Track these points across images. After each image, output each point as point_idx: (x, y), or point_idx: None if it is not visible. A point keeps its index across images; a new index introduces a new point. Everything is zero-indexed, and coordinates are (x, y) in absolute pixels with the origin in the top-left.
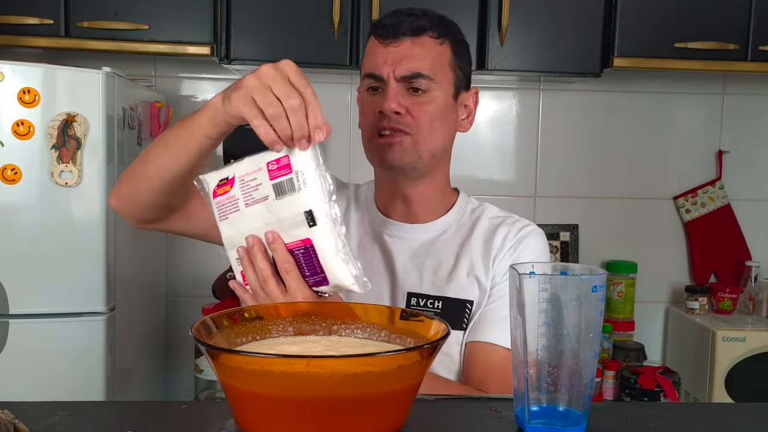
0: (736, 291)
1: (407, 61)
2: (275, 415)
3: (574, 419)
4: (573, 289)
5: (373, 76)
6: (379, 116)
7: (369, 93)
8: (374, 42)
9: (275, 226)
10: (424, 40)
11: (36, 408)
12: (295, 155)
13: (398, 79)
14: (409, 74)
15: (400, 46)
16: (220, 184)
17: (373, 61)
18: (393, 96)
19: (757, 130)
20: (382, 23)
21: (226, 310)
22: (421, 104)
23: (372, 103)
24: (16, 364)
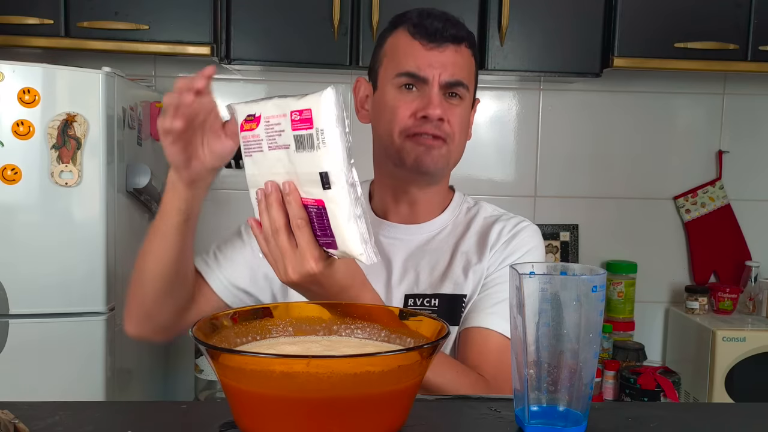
0: (736, 291)
1: (451, 68)
2: (275, 415)
3: (574, 419)
4: (573, 289)
5: (415, 76)
6: (419, 119)
7: (401, 91)
8: (412, 42)
9: (293, 177)
10: (463, 50)
11: (36, 408)
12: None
13: (442, 84)
14: (453, 81)
15: (444, 52)
16: (248, 120)
17: (414, 62)
18: (439, 102)
19: (757, 130)
20: (423, 25)
21: (226, 310)
22: (456, 112)
23: (408, 102)
24: (16, 364)
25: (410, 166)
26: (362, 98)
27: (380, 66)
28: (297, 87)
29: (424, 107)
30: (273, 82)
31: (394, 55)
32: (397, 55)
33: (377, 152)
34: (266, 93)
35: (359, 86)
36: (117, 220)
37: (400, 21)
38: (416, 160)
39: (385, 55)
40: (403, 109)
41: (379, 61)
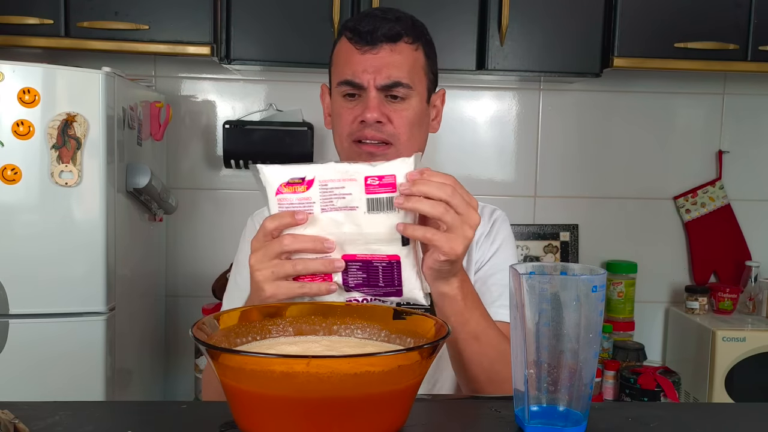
0: (736, 291)
1: (386, 69)
2: (275, 415)
3: (574, 419)
4: (573, 289)
5: (351, 83)
6: (359, 124)
7: (345, 99)
8: (349, 47)
9: (355, 237)
10: (401, 47)
11: (36, 408)
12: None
13: (378, 87)
14: (390, 83)
15: (378, 54)
16: (292, 183)
17: (350, 68)
18: (375, 105)
19: (757, 130)
20: (356, 28)
21: (226, 310)
22: (400, 112)
23: (350, 110)
24: (16, 364)
25: None
26: (327, 105)
27: (330, 75)
28: (297, 87)
29: (362, 112)
30: (273, 82)
31: (337, 62)
32: (338, 62)
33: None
34: (266, 93)
35: (324, 94)
36: (117, 220)
37: (343, 26)
38: None
39: (332, 63)
40: (345, 115)
41: (329, 70)
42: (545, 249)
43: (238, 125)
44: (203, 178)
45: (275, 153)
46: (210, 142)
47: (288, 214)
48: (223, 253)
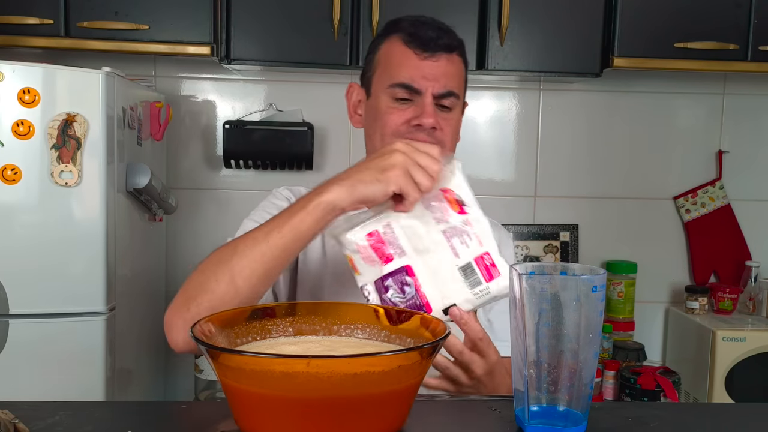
0: (736, 291)
1: (444, 79)
2: (275, 415)
3: (574, 419)
4: (573, 289)
5: (409, 87)
6: (410, 127)
7: (395, 101)
8: (405, 50)
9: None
10: (455, 59)
11: (36, 408)
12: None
13: (435, 95)
14: (445, 92)
15: (437, 62)
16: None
17: (408, 72)
18: (432, 112)
19: (757, 130)
20: (418, 35)
21: (226, 311)
22: (448, 120)
23: (400, 111)
24: (16, 364)
25: None
26: (355, 103)
27: (374, 73)
28: (297, 87)
29: (417, 116)
30: (273, 82)
31: (388, 63)
32: (391, 64)
33: None
34: (266, 93)
35: (352, 91)
36: (117, 220)
37: (394, 28)
38: None
39: (379, 63)
40: (396, 116)
41: (372, 69)
42: (545, 249)
43: (238, 125)
44: (203, 178)
45: (275, 153)
46: (210, 142)
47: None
48: None
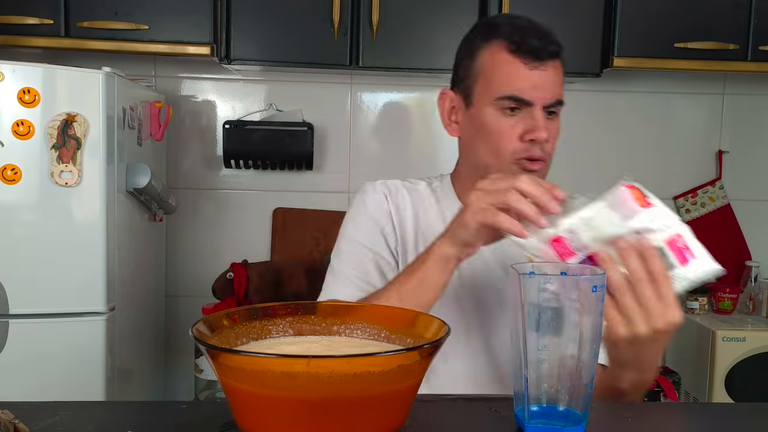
0: (736, 291)
1: (552, 88)
2: (275, 415)
3: (574, 419)
4: (573, 289)
5: (520, 100)
6: (526, 142)
7: (504, 113)
8: (513, 60)
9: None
10: (558, 64)
11: (36, 408)
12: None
13: (546, 106)
14: (555, 101)
15: (546, 71)
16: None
17: (517, 84)
18: (545, 125)
19: (757, 130)
20: (524, 42)
21: (226, 310)
22: (553, 130)
23: (512, 126)
24: (16, 364)
25: None
26: (449, 110)
27: (475, 82)
28: (297, 87)
29: (531, 130)
30: (273, 82)
31: (492, 73)
32: (496, 74)
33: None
34: (266, 93)
35: (445, 98)
36: (117, 220)
37: (494, 33)
38: None
39: (482, 71)
40: (509, 132)
41: (472, 76)
42: None
43: (238, 125)
44: (203, 178)
45: (275, 153)
46: (210, 142)
47: (548, 187)
48: (223, 253)
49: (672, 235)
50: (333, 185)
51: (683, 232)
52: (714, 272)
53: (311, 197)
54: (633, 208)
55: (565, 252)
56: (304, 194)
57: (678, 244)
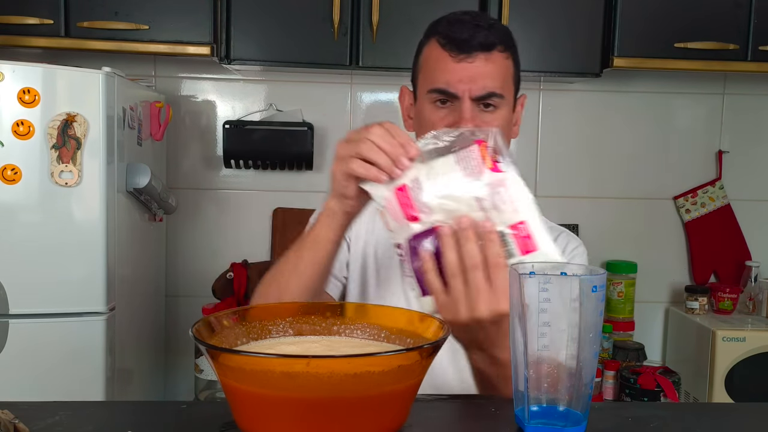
0: (736, 291)
1: (481, 79)
2: (275, 415)
3: (574, 419)
4: (573, 289)
5: (446, 92)
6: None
7: (436, 106)
8: (441, 53)
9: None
10: (495, 56)
11: (36, 408)
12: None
13: (473, 98)
14: (484, 94)
15: (473, 63)
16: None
17: (444, 77)
18: (470, 117)
19: (757, 130)
20: (450, 35)
21: (226, 310)
22: (491, 122)
23: (440, 117)
24: (16, 364)
25: None
26: (407, 107)
27: (417, 78)
28: (297, 87)
29: (456, 121)
30: (273, 82)
31: (427, 68)
32: (429, 68)
33: None
34: (266, 93)
35: (403, 95)
36: (117, 220)
37: (433, 29)
38: None
39: (421, 67)
40: (435, 122)
41: (416, 73)
42: None
43: (238, 125)
44: (203, 178)
45: (275, 153)
46: (210, 142)
47: (402, 141)
48: (223, 253)
49: (516, 221)
50: None
51: (528, 218)
52: (558, 265)
53: (311, 197)
54: (479, 169)
55: (407, 204)
56: (304, 194)
57: (521, 232)
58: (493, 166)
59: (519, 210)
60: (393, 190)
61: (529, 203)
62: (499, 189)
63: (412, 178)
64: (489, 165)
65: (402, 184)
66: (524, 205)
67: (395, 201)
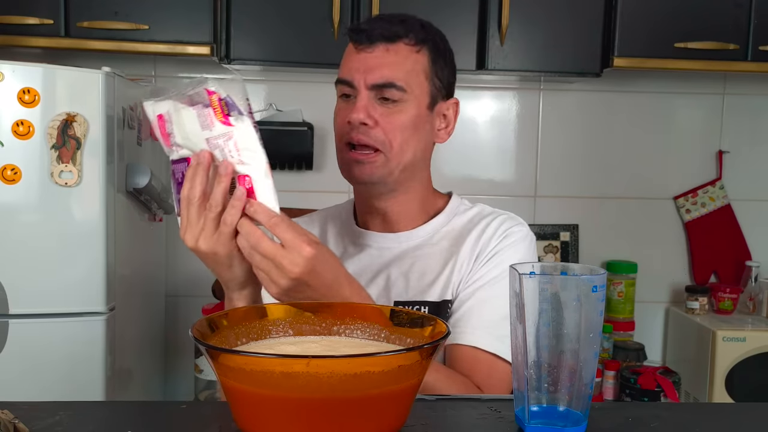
0: (736, 291)
1: (379, 69)
2: (275, 416)
3: (574, 419)
4: (573, 289)
5: (345, 82)
6: (348, 126)
7: (341, 100)
8: (350, 47)
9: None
10: (399, 47)
11: (36, 408)
12: None
13: (369, 87)
14: (381, 83)
15: (373, 53)
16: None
17: (346, 66)
18: (362, 106)
19: (757, 130)
20: (357, 28)
21: (226, 310)
22: (391, 116)
23: (343, 111)
24: (16, 364)
25: (350, 179)
26: None
27: None
28: (297, 87)
29: (349, 113)
30: (273, 82)
31: (341, 64)
32: (341, 63)
33: None
34: (266, 93)
35: None
36: (117, 220)
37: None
38: (350, 173)
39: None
40: (339, 118)
41: None
42: (545, 249)
43: None
44: None
45: (275, 153)
46: None
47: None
48: None
49: (241, 173)
50: (333, 185)
51: (252, 173)
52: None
53: (311, 197)
54: (210, 120)
55: (164, 134)
56: (304, 194)
57: (246, 184)
58: (224, 119)
59: (245, 162)
60: (155, 114)
61: (256, 157)
62: (228, 141)
63: (166, 110)
64: (220, 118)
65: (160, 113)
66: (250, 158)
67: (157, 125)
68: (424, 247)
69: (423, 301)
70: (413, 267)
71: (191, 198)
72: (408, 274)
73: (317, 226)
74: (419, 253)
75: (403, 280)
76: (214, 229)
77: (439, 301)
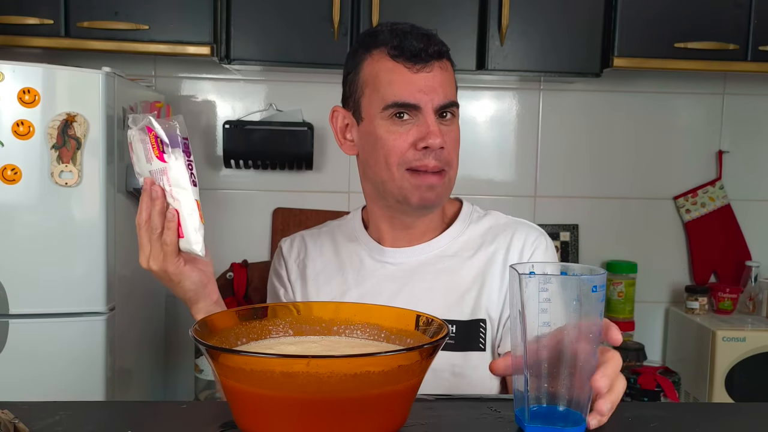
0: (736, 291)
1: (442, 89)
2: (275, 415)
3: (574, 419)
4: (573, 289)
5: (407, 105)
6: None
7: (394, 121)
8: (395, 66)
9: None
10: (446, 64)
11: (36, 408)
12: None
13: (436, 108)
14: (447, 103)
15: (431, 72)
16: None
17: (401, 89)
18: (438, 130)
19: (757, 130)
20: (404, 46)
21: (226, 310)
22: (449, 134)
23: (402, 135)
24: (16, 364)
25: (415, 204)
26: (342, 128)
27: (362, 95)
28: (297, 87)
29: (423, 137)
30: (273, 82)
31: (377, 83)
32: (380, 83)
33: (370, 186)
34: (266, 93)
35: (336, 116)
36: (117, 220)
37: (374, 41)
38: (421, 199)
39: (367, 83)
40: (399, 141)
41: (359, 90)
42: None
43: (238, 125)
44: (203, 178)
45: (275, 153)
46: (210, 142)
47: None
48: (222, 253)
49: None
50: (333, 185)
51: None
52: (198, 256)
53: (311, 197)
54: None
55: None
56: (304, 194)
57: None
58: (159, 155)
59: (175, 198)
60: (129, 142)
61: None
62: (162, 176)
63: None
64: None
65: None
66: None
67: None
68: (444, 259)
69: (451, 319)
70: (436, 282)
71: (139, 223)
72: (432, 290)
73: (327, 241)
74: (440, 266)
75: (429, 295)
76: (159, 250)
77: (470, 320)
